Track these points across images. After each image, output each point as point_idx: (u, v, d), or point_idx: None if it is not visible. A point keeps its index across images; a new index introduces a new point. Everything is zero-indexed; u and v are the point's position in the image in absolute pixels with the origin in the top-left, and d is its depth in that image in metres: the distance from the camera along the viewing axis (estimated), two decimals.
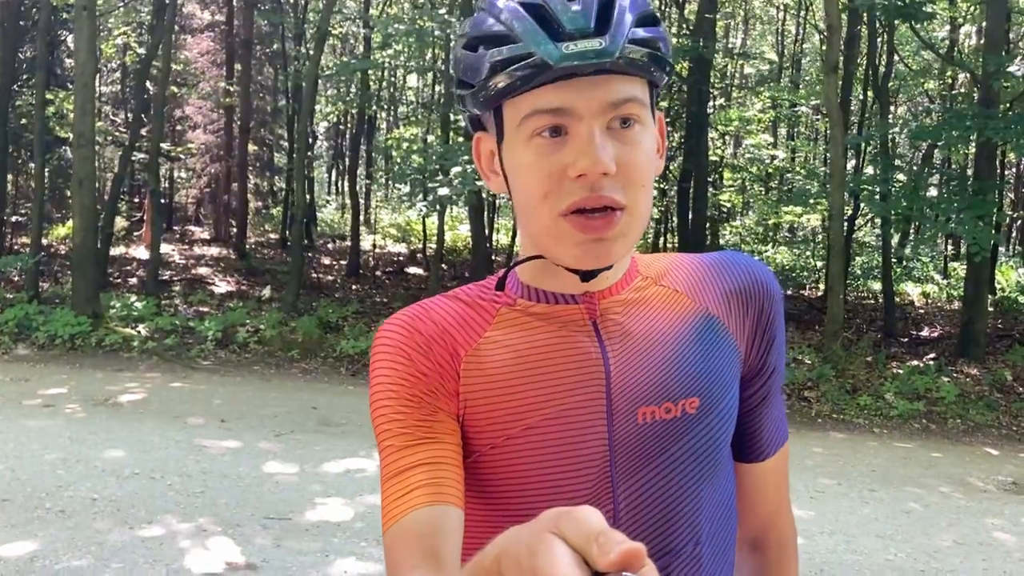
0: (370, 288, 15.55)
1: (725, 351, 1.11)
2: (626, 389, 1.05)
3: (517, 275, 1.12)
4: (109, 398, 8.10)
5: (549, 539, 0.57)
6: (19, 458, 6.12)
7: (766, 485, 1.23)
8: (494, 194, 15.80)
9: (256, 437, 6.98)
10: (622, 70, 0.97)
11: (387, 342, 1.07)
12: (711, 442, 1.08)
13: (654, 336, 1.08)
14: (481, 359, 1.06)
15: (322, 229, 22.74)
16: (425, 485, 0.98)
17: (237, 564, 4.60)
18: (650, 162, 1.02)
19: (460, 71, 1.04)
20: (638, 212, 1.00)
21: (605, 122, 0.97)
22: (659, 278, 1.13)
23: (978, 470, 7.26)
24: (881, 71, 14.88)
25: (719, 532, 1.12)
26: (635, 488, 1.05)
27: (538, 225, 1.01)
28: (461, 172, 10.37)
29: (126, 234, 19.49)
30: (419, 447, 1.01)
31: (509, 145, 1.02)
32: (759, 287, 1.14)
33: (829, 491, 6.37)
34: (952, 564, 5.10)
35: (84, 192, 11.42)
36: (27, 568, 4.43)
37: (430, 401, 1.03)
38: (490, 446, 1.04)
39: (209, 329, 10.82)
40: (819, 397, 9.32)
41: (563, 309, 1.08)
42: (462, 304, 1.11)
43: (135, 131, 15.43)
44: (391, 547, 0.97)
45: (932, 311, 15.36)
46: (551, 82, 0.96)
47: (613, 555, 0.54)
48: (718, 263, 1.15)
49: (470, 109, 1.07)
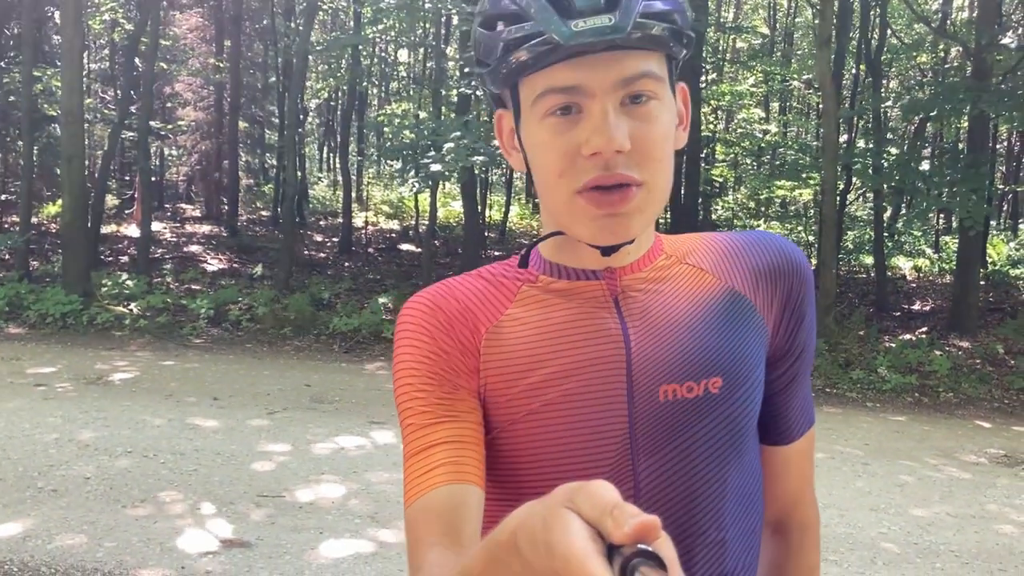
0: (362, 265, 15.51)
1: (751, 330, 1.10)
2: (647, 366, 1.04)
3: (540, 252, 1.12)
4: (101, 377, 8.07)
5: (564, 513, 0.57)
6: (10, 437, 6.10)
7: (790, 468, 1.21)
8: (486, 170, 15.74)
9: (249, 415, 6.97)
10: (635, 45, 0.96)
11: (410, 321, 1.07)
12: (735, 423, 1.06)
13: (677, 314, 1.07)
14: (502, 336, 1.06)
15: (314, 206, 22.65)
16: (447, 463, 0.98)
17: (231, 542, 4.60)
18: (667, 137, 1.01)
19: (478, 50, 1.04)
20: (656, 187, 1.00)
21: (619, 99, 0.97)
22: (684, 256, 1.12)
23: (970, 443, 7.30)
24: (874, 44, 14.82)
25: (745, 518, 1.10)
26: (656, 467, 1.04)
27: (556, 202, 1.02)
28: (453, 148, 10.31)
29: (117, 212, 19.37)
30: (441, 425, 1.01)
31: (525, 123, 1.03)
32: (789, 265, 1.13)
33: (822, 465, 6.39)
34: (945, 537, 5.13)
35: (73, 170, 11.34)
36: (20, 547, 4.42)
37: (451, 379, 1.04)
38: (510, 422, 1.04)
39: (201, 307, 10.79)
40: (812, 371, 9.34)
41: (584, 285, 1.08)
42: (484, 282, 1.11)
43: (124, 108, 15.30)
44: (412, 524, 0.98)
45: (924, 285, 15.39)
46: (563, 60, 0.96)
47: (628, 527, 0.54)
48: (747, 241, 1.15)
49: (488, 87, 1.07)
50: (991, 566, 4.77)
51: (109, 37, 21.80)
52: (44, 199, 18.26)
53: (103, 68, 23.32)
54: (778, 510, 1.22)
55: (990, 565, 4.78)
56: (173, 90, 21.13)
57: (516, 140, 1.07)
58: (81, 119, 11.87)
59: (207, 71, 19.82)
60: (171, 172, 24.23)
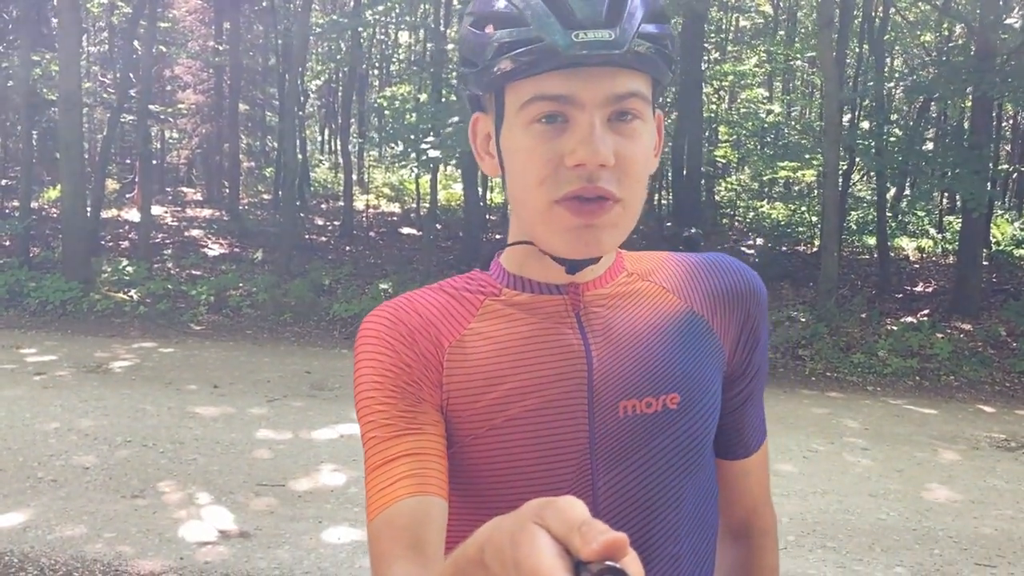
0: (363, 249, 15.49)
1: (709, 350, 1.11)
2: (608, 382, 1.05)
3: (503, 265, 1.12)
4: (101, 365, 8.08)
5: (532, 529, 0.57)
6: (10, 427, 6.12)
7: (749, 479, 1.25)
8: None
9: (249, 403, 6.98)
10: (628, 64, 0.96)
11: (371, 333, 1.06)
12: (692, 438, 1.08)
13: (637, 331, 1.08)
14: (465, 350, 1.06)
15: (316, 189, 22.60)
16: (409, 476, 0.98)
17: (230, 532, 4.61)
18: (647, 158, 1.02)
19: (466, 49, 1.03)
20: (631, 206, 1.01)
21: (606, 114, 0.97)
22: (645, 275, 1.14)
23: (971, 427, 7.29)
24: (877, 24, 14.71)
25: (699, 532, 1.12)
26: (615, 481, 1.06)
27: (531, 210, 1.01)
28: (452, 132, 10.26)
29: (117, 197, 19.34)
30: (403, 438, 1.01)
31: (508, 128, 1.02)
32: (747, 290, 1.15)
33: (822, 450, 6.39)
34: (944, 522, 5.13)
35: (72, 155, 11.31)
36: (20, 538, 4.44)
37: (414, 392, 1.03)
38: (472, 436, 1.04)
39: (202, 293, 10.78)
40: (813, 355, 9.33)
41: (547, 300, 1.08)
42: (447, 296, 1.11)
43: (123, 92, 15.24)
44: (376, 538, 0.97)
45: (927, 265, 15.34)
46: (557, 69, 0.95)
47: (596, 544, 0.54)
48: (706, 264, 1.16)
49: (472, 88, 1.06)
50: (989, 552, 4.77)
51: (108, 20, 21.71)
52: (45, 184, 18.24)
53: (102, 51, 23.22)
54: (739, 517, 1.26)
55: (988, 551, 4.78)
56: (173, 73, 21.05)
57: (492, 145, 1.07)
58: (79, 104, 11.84)
59: (207, 54, 19.73)
60: (172, 155, 24.18)
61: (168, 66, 20.76)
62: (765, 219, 18.43)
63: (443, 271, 12.95)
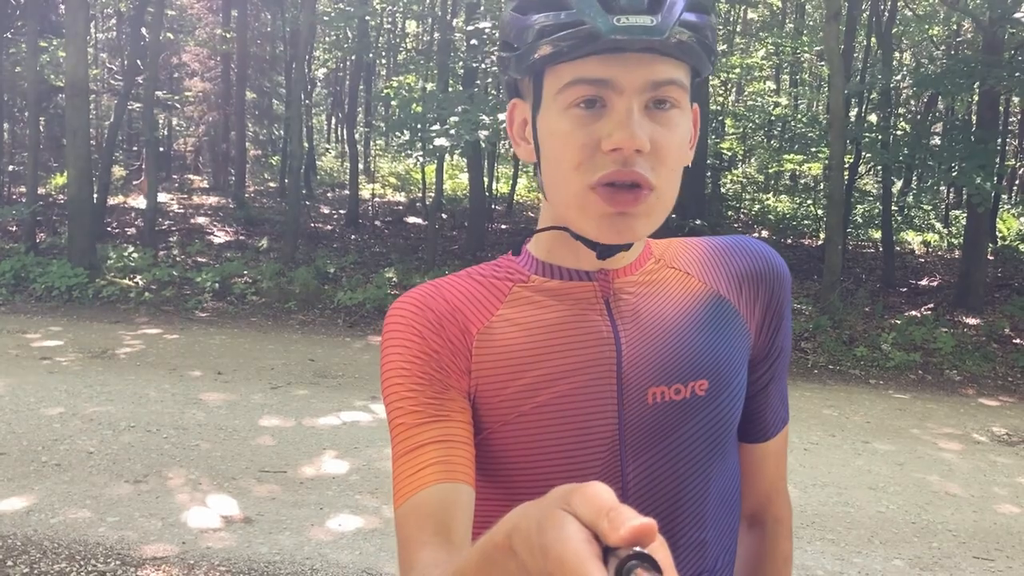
0: (368, 238, 15.50)
1: (735, 333, 1.12)
2: (637, 369, 1.06)
3: (532, 252, 1.13)
4: (106, 350, 8.11)
5: (560, 515, 0.57)
6: (15, 411, 6.15)
7: (766, 465, 1.24)
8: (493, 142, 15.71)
9: (252, 390, 7.00)
10: (668, 51, 0.97)
11: (399, 320, 1.07)
12: (720, 424, 1.09)
13: (665, 317, 1.09)
14: (493, 337, 1.06)
15: (322, 178, 22.62)
16: (437, 463, 0.99)
17: (233, 518, 4.64)
18: (683, 147, 1.02)
19: (507, 33, 1.04)
20: (666, 194, 1.01)
21: (644, 100, 0.97)
22: (671, 261, 1.14)
23: (973, 421, 7.29)
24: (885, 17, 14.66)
25: (724, 518, 1.14)
26: (644, 468, 1.06)
27: (566, 194, 1.01)
28: (458, 121, 10.26)
29: (124, 183, 19.37)
30: (431, 425, 1.01)
31: (545, 113, 1.02)
32: (770, 271, 1.16)
33: (823, 443, 6.40)
34: (943, 515, 5.14)
35: (78, 142, 11.33)
36: (23, 522, 4.47)
37: (441, 379, 1.04)
38: (501, 423, 1.05)
39: (207, 280, 10.81)
40: (816, 348, 9.33)
41: (576, 286, 1.09)
42: (475, 282, 1.11)
43: (130, 79, 15.26)
44: (403, 523, 0.98)
45: (932, 260, 15.32)
46: (597, 53, 0.96)
47: (624, 530, 0.54)
48: (730, 246, 1.17)
49: (511, 73, 1.06)
50: (988, 546, 4.78)
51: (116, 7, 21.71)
52: (52, 170, 18.28)
53: (110, 38, 23.23)
54: (754, 504, 1.26)
55: (987, 544, 4.79)
56: (180, 60, 21.07)
57: (528, 131, 1.07)
58: (86, 91, 11.85)
59: (214, 41, 19.74)
60: (179, 143, 24.20)
61: (176, 53, 20.78)
62: (770, 212, 18.42)
63: (448, 260, 12.97)
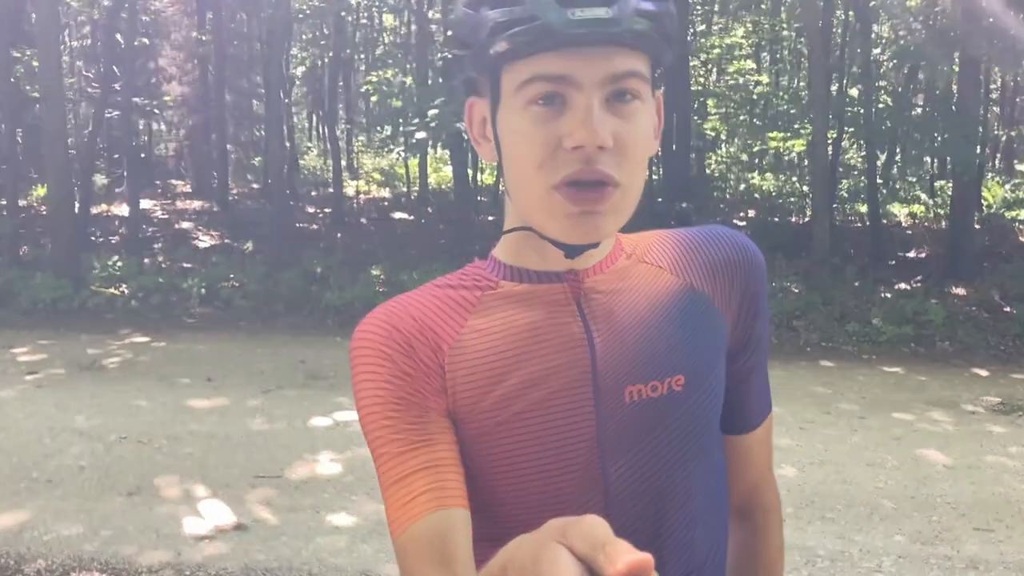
0: (355, 236, 15.44)
1: (711, 325, 1.10)
2: (612, 369, 1.03)
3: (499, 257, 1.10)
4: (94, 362, 8.05)
5: (555, 548, 0.56)
6: (4, 429, 6.09)
7: (752, 455, 1.22)
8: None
9: (244, 395, 6.96)
10: (626, 42, 0.94)
11: (366, 346, 1.03)
12: (699, 419, 1.07)
13: (638, 314, 1.07)
14: (465, 350, 1.03)
15: (305, 176, 22.51)
16: (428, 491, 0.97)
17: (228, 525, 4.60)
18: (647, 139, 1.00)
19: (460, 30, 1.00)
20: (631, 189, 0.98)
21: (605, 94, 0.95)
22: (643, 255, 1.11)
23: (967, 392, 7.30)
24: None
25: (711, 513, 1.11)
26: (625, 469, 1.04)
27: (529, 195, 0.99)
28: (438, 114, 10.20)
29: (107, 192, 19.24)
30: (415, 451, 0.99)
31: (504, 111, 0.99)
32: (744, 260, 1.13)
33: (818, 421, 6.39)
34: (941, 488, 5.14)
35: (56, 151, 11.23)
36: (16, 540, 4.42)
37: (418, 402, 1.01)
38: (480, 434, 1.02)
39: (193, 286, 10.74)
40: (807, 325, 9.33)
41: (546, 288, 1.06)
42: (441, 294, 1.08)
43: (106, 85, 15.14)
44: (404, 555, 0.97)
45: (920, 231, 15.33)
46: (554, 49, 0.93)
47: (621, 565, 0.53)
48: (703, 238, 1.14)
49: (467, 71, 1.04)
50: (987, 516, 4.77)
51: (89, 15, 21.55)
52: (32, 182, 18.14)
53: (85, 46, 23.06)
54: (741, 495, 1.23)
55: (986, 515, 4.79)
56: (157, 65, 20.92)
57: (488, 129, 1.04)
58: (61, 98, 11.75)
59: (190, 44, 19.61)
60: (160, 148, 24.06)
61: (152, 58, 20.63)
62: (756, 191, 18.41)
63: (436, 255, 12.91)
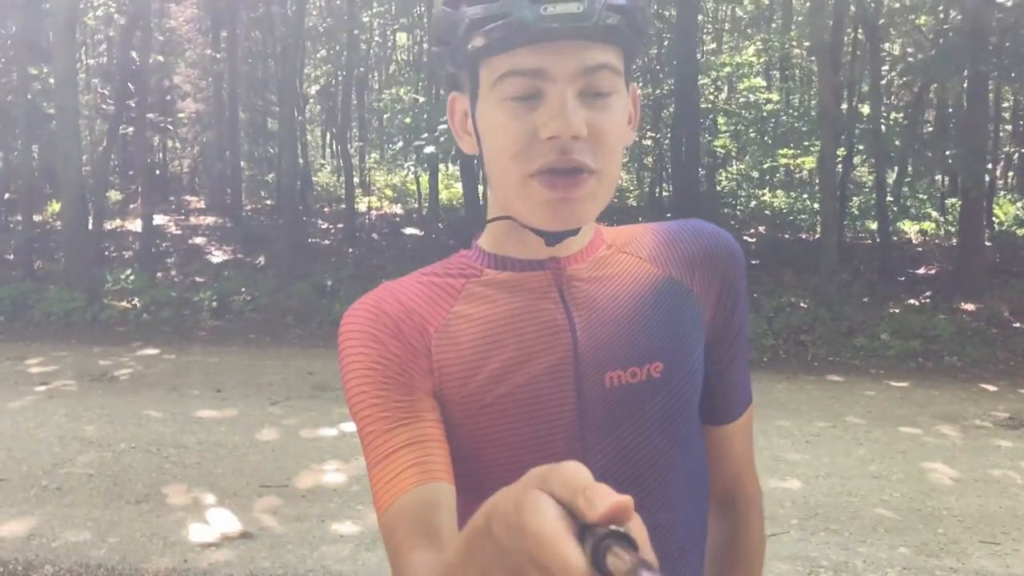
0: (366, 251, 15.50)
1: (690, 315, 1.12)
2: (593, 355, 1.06)
3: (483, 246, 1.14)
4: (105, 373, 8.11)
5: (536, 494, 0.57)
6: (15, 437, 6.15)
7: (733, 446, 1.24)
8: None
9: (252, 406, 7.00)
10: (598, 36, 0.97)
11: (354, 328, 1.06)
12: (678, 404, 1.09)
13: (618, 302, 1.09)
14: (451, 334, 1.07)
15: (318, 193, 22.62)
16: (413, 465, 0.99)
17: (234, 533, 4.63)
18: (621, 129, 1.03)
19: (440, 28, 1.04)
20: (607, 177, 1.01)
21: (578, 87, 0.98)
22: (624, 246, 1.15)
23: (975, 407, 7.27)
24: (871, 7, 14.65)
25: (691, 497, 1.13)
26: (606, 452, 1.06)
27: (507, 184, 1.02)
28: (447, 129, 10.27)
29: (121, 207, 19.39)
30: (401, 428, 1.01)
31: (482, 105, 1.03)
32: (723, 252, 1.16)
33: (824, 434, 6.39)
34: (947, 503, 5.12)
35: (70, 167, 11.35)
36: (24, 546, 4.46)
37: (406, 381, 1.04)
38: (465, 417, 1.05)
39: (205, 299, 10.82)
40: (815, 340, 9.31)
41: (529, 276, 1.09)
42: (427, 282, 1.11)
43: (120, 102, 15.29)
44: (389, 530, 0.98)
45: (930, 248, 15.29)
46: (527, 44, 0.96)
47: (601, 508, 0.54)
48: (682, 230, 1.17)
49: (447, 67, 1.07)
50: (994, 530, 4.76)
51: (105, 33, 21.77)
52: (47, 197, 18.30)
53: (101, 63, 23.27)
54: (723, 486, 1.26)
55: (992, 528, 4.77)
56: (172, 82, 21.10)
57: (469, 123, 1.07)
58: (76, 115, 11.88)
59: (205, 62, 19.78)
60: (175, 164, 24.23)
61: (167, 76, 20.80)
62: (767, 208, 18.40)
63: None
